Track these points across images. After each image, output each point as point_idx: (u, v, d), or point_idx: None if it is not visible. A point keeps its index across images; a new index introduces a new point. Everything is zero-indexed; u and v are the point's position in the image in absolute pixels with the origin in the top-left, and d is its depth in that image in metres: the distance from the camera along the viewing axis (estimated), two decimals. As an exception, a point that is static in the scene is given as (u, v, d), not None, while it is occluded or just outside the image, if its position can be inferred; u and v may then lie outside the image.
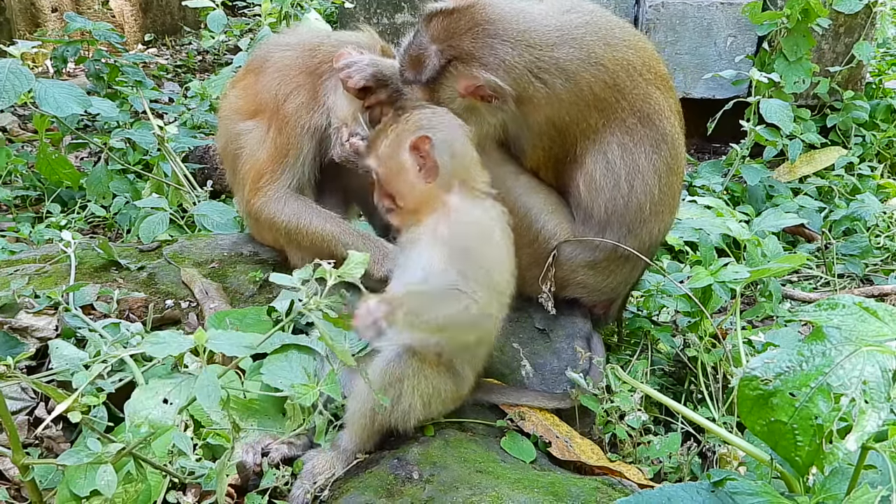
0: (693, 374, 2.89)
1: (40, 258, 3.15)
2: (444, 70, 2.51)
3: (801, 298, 3.87)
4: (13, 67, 3.52)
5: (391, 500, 2.03)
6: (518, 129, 2.64)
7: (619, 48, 2.60)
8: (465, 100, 2.54)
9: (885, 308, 1.71)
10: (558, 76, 2.53)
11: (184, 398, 1.71)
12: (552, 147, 2.64)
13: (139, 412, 1.64)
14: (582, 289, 2.80)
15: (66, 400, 2.11)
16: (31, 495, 2.07)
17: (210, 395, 1.68)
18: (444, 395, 2.27)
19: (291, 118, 2.82)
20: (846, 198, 4.90)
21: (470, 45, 2.49)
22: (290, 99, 2.84)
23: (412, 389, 2.19)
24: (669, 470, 2.45)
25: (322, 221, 2.85)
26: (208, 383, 1.69)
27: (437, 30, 2.53)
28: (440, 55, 2.51)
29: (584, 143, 2.63)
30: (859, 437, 1.54)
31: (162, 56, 7.93)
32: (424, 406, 2.23)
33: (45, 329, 2.60)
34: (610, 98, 2.58)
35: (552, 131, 2.61)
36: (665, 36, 5.61)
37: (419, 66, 2.55)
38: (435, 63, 2.52)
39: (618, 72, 2.58)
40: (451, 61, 2.50)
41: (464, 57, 2.50)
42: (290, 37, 3.09)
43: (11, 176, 4.76)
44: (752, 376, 1.65)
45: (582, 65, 2.54)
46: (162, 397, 1.71)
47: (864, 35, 5.58)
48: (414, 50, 2.57)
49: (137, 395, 1.70)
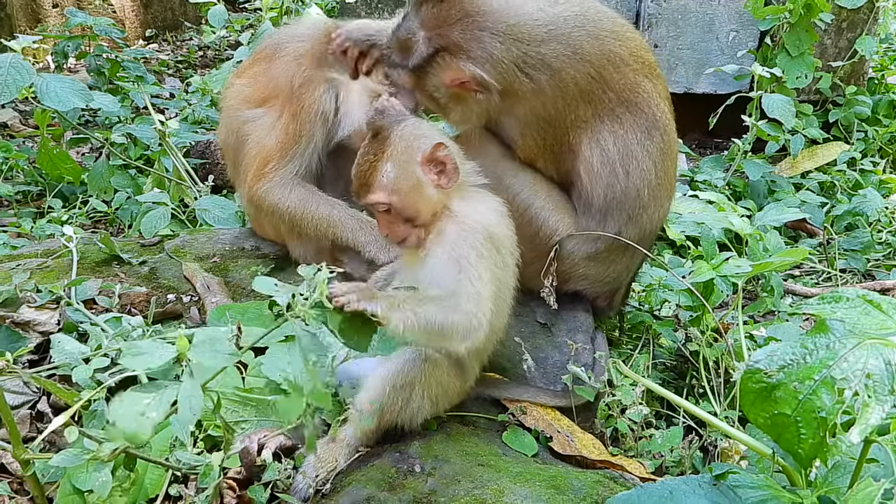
0: (695, 368, 2.89)
1: (42, 253, 3.15)
2: (432, 59, 2.52)
3: (803, 293, 3.87)
4: (14, 62, 3.52)
5: (393, 493, 2.03)
6: (506, 118, 2.65)
7: (605, 40, 2.60)
8: (451, 89, 2.55)
9: (888, 301, 1.71)
10: (543, 72, 2.53)
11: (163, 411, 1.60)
12: (545, 138, 2.65)
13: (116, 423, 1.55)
14: (584, 281, 2.80)
15: (65, 394, 2.13)
16: (33, 490, 2.07)
17: (192, 408, 1.57)
18: (451, 393, 2.27)
19: (307, 103, 2.80)
20: (848, 193, 4.89)
21: (459, 36, 2.49)
22: (307, 84, 2.82)
23: (422, 392, 2.18)
24: (671, 464, 2.45)
25: (328, 208, 2.83)
26: (190, 393, 1.60)
27: (427, 16, 2.53)
28: (428, 43, 2.52)
29: (577, 132, 2.63)
30: (862, 431, 1.54)
31: (163, 51, 7.93)
32: (432, 405, 2.23)
33: (48, 323, 2.60)
34: (596, 90, 2.59)
35: (541, 122, 2.61)
36: (667, 31, 5.60)
37: (407, 51, 2.56)
38: (423, 51, 2.52)
39: (604, 64, 2.58)
40: (439, 51, 2.51)
41: (452, 48, 2.50)
42: (304, 27, 3.08)
43: (13, 171, 4.76)
44: (756, 369, 1.65)
45: (567, 61, 2.54)
46: (141, 409, 1.57)
47: (867, 30, 5.56)
48: (402, 34, 2.58)
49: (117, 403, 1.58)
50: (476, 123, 2.66)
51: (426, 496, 2.01)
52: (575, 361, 2.55)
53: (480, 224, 2.13)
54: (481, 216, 2.16)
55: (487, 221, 2.15)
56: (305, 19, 3.15)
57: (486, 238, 2.11)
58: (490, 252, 2.12)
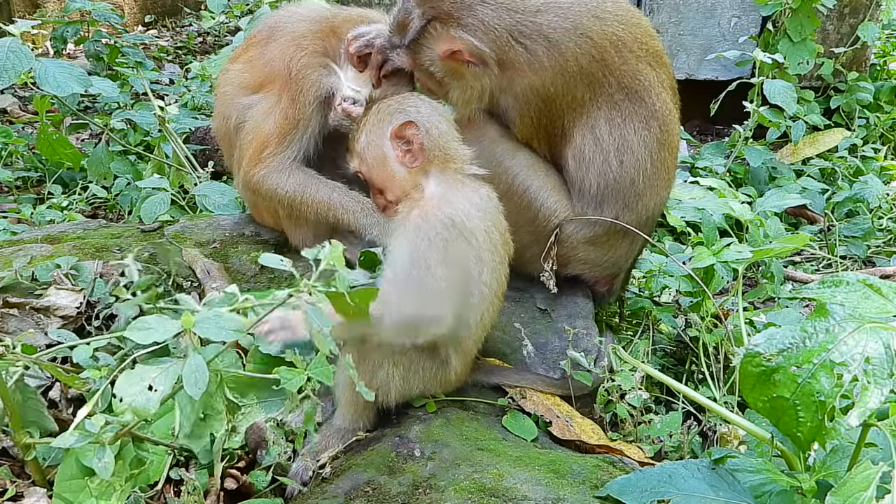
0: (694, 354, 2.89)
1: (42, 239, 3.15)
2: (424, 31, 2.52)
3: (803, 280, 3.87)
4: (13, 47, 3.49)
5: (393, 477, 2.04)
6: (505, 97, 2.63)
7: (608, 22, 2.58)
8: (447, 63, 2.54)
9: (888, 285, 1.71)
10: (540, 42, 2.51)
11: (169, 385, 1.64)
12: (540, 118, 2.63)
13: (123, 399, 1.59)
14: (583, 265, 2.80)
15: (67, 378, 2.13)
16: (34, 474, 2.08)
17: (197, 383, 1.60)
18: (424, 373, 2.24)
19: (305, 86, 2.76)
20: (849, 179, 4.89)
21: (450, 5, 2.50)
22: (305, 67, 2.78)
23: (386, 362, 2.17)
24: (670, 449, 2.45)
25: (328, 190, 2.80)
26: (196, 369, 1.63)
27: None
28: (421, 17, 2.52)
29: (572, 116, 2.62)
30: (861, 414, 1.54)
31: (162, 37, 7.90)
32: (403, 379, 2.21)
33: (68, 308, 2.60)
34: (597, 72, 2.57)
35: (538, 101, 2.59)
36: (668, 17, 5.58)
37: (404, 30, 2.56)
38: (416, 25, 2.53)
39: (606, 46, 2.56)
40: (431, 21, 2.51)
41: (442, 17, 2.50)
42: (301, 9, 3.05)
43: (12, 157, 4.75)
44: (755, 352, 1.65)
45: (567, 34, 2.52)
46: (147, 383, 1.61)
47: (869, 16, 5.54)
48: (400, 15, 2.59)
49: (122, 379, 1.62)
50: (477, 104, 2.64)
51: (426, 480, 2.02)
52: (574, 346, 2.55)
53: (445, 214, 2.10)
54: (450, 207, 2.12)
55: (455, 212, 2.11)
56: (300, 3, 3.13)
57: (447, 230, 2.08)
58: (452, 246, 2.08)
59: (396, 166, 2.18)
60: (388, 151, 2.18)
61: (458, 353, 2.27)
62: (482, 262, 2.17)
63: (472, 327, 2.25)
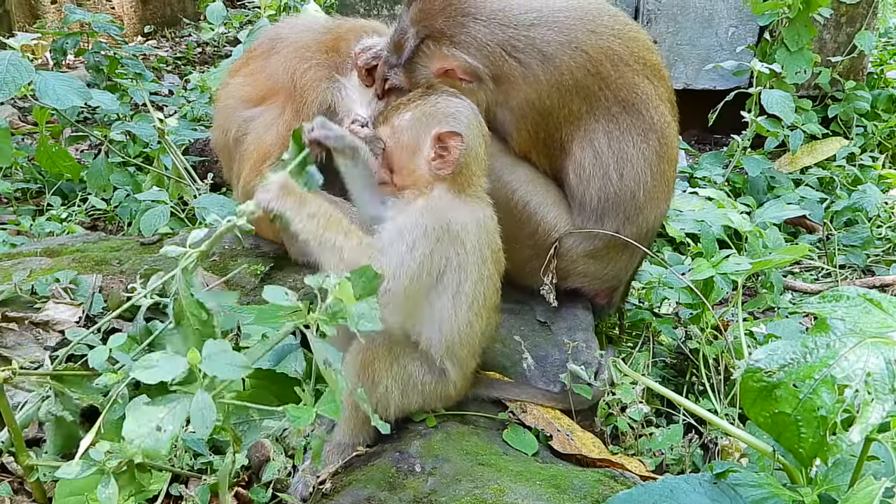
0: (695, 365, 2.89)
1: (41, 252, 3.15)
2: (418, 50, 2.54)
3: (803, 289, 3.87)
4: (13, 59, 3.49)
5: (393, 493, 2.03)
6: (502, 111, 2.63)
7: (604, 36, 2.59)
8: (442, 81, 2.54)
9: (889, 300, 1.70)
10: (534, 56, 2.52)
11: (178, 424, 1.62)
12: (537, 131, 2.64)
13: (132, 441, 1.57)
14: (583, 278, 2.80)
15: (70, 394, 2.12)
16: (36, 494, 2.07)
17: (205, 421, 1.59)
18: (423, 387, 2.24)
19: (309, 98, 2.76)
20: (848, 188, 4.88)
21: (442, 23, 2.52)
22: (309, 77, 2.77)
23: (385, 371, 2.17)
24: (671, 462, 2.45)
25: (328, 204, 2.78)
26: (203, 406, 1.61)
27: (415, 11, 2.57)
28: (415, 36, 2.54)
29: (569, 129, 2.62)
30: (863, 429, 1.53)
31: (161, 48, 7.91)
32: (402, 393, 2.21)
33: (67, 322, 2.59)
34: (592, 85, 2.57)
35: (535, 114, 2.60)
36: (666, 27, 5.59)
37: (400, 49, 2.58)
38: (411, 44, 2.54)
39: (601, 60, 2.57)
40: (424, 40, 2.53)
41: (435, 35, 2.52)
42: (303, 21, 3.04)
43: (12, 169, 4.75)
44: (756, 368, 1.65)
45: (561, 48, 2.53)
46: (155, 424, 1.59)
47: (866, 25, 5.55)
48: (396, 35, 2.61)
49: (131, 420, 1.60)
50: None
51: (427, 496, 2.01)
52: (574, 359, 2.54)
53: (445, 218, 2.11)
54: (452, 214, 2.13)
55: (454, 221, 2.12)
56: (300, 15, 3.13)
57: (443, 231, 2.09)
58: (441, 245, 2.09)
59: (423, 163, 2.16)
60: (423, 146, 2.16)
61: (455, 366, 2.26)
62: (465, 273, 2.16)
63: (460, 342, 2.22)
